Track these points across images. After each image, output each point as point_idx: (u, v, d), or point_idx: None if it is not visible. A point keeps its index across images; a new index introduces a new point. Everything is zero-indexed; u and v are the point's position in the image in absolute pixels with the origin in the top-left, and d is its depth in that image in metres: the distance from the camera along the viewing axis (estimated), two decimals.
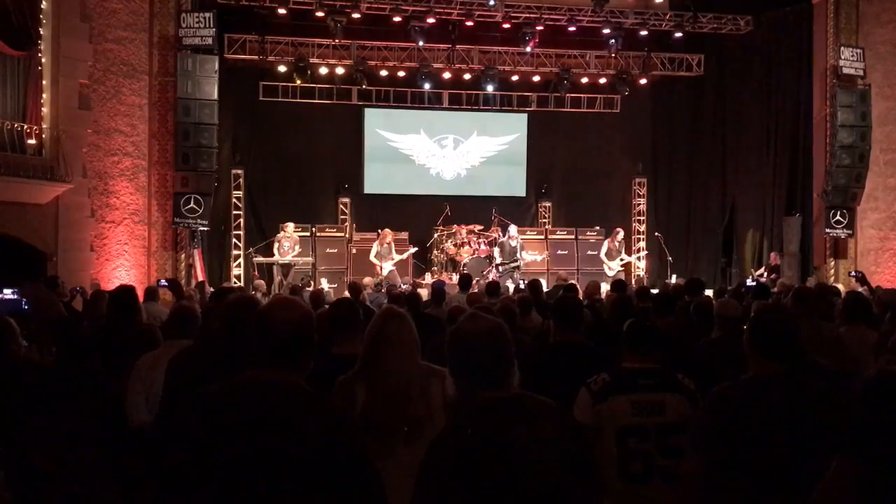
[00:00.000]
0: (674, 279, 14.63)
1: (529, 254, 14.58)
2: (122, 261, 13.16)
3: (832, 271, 14.88)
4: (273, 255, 14.16)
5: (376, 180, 17.05)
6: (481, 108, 17.32)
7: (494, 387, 2.25)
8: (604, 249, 14.91)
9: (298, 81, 15.54)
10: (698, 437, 2.83)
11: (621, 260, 14.70)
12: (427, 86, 15.98)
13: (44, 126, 11.52)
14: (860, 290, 9.68)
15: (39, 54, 11.50)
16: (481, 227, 15.51)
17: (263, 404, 2.13)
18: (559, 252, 16.20)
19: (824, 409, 2.68)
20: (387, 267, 14.01)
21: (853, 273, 12.56)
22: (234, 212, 16.03)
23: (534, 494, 2.12)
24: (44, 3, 11.54)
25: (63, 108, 11.83)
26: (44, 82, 11.60)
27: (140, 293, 7.63)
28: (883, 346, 4.13)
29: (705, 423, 2.83)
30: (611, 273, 14.42)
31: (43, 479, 2.88)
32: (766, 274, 14.66)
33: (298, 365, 2.24)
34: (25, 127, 11.22)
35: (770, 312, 2.95)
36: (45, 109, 11.60)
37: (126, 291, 4.98)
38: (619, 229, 15.16)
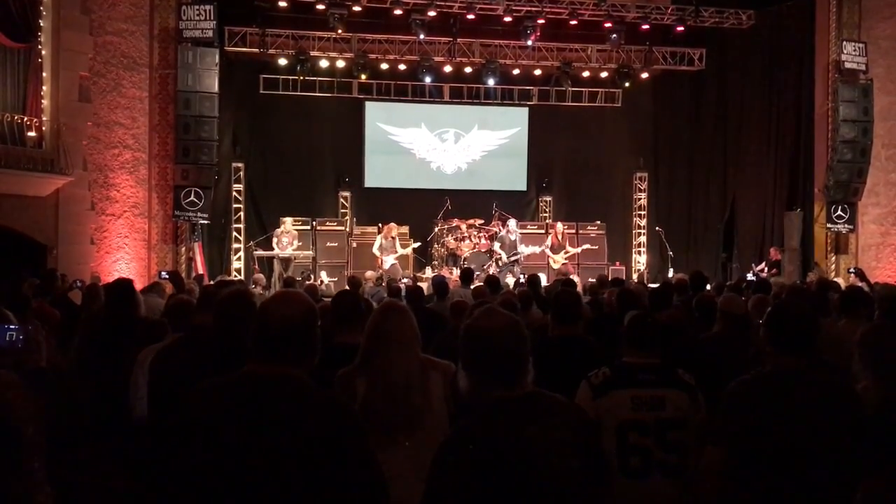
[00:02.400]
0: (671, 273, 14.62)
1: (528, 247, 14.56)
2: (123, 254, 13.16)
3: (833, 266, 14.87)
4: (273, 249, 14.15)
5: (377, 174, 17.03)
6: (482, 101, 17.29)
7: (509, 385, 2.20)
8: (547, 243, 14.94)
9: (300, 76, 15.49)
10: (719, 430, 2.84)
11: (565, 253, 14.72)
12: (428, 79, 15.95)
13: (44, 118, 11.52)
14: (859, 284, 9.65)
15: (39, 46, 11.49)
16: (482, 222, 15.49)
17: (265, 398, 2.13)
18: None
19: (843, 403, 2.71)
20: (388, 261, 14.00)
21: (851, 269, 12.55)
22: (235, 205, 16.03)
23: (547, 493, 2.09)
24: None
25: (63, 101, 11.82)
26: (44, 74, 11.59)
27: (139, 286, 7.64)
28: (865, 340, 4.12)
29: (726, 416, 2.83)
30: (556, 266, 14.47)
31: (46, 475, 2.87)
32: (766, 269, 14.65)
33: (301, 359, 2.23)
34: (25, 119, 11.22)
35: (788, 307, 2.95)
36: (45, 102, 11.60)
37: (123, 284, 4.97)
38: (558, 224, 15.22)
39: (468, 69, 16.43)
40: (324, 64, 15.80)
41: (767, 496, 2.68)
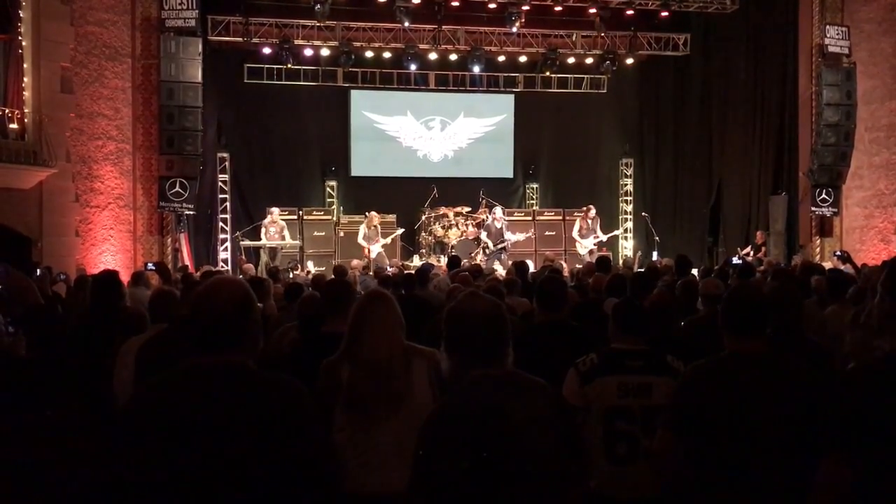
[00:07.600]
0: (655, 257, 14.66)
1: (515, 234, 14.54)
2: (108, 245, 13.09)
3: (818, 249, 14.98)
4: (260, 239, 14.11)
5: (363, 162, 16.99)
6: (468, 89, 17.26)
7: (489, 365, 2.28)
8: (576, 228, 14.86)
9: (287, 63, 15.40)
10: (671, 414, 2.83)
11: (595, 238, 14.64)
12: (413, 67, 15.89)
13: (26, 110, 11.41)
14: (843, 268, 9.74)
15: (20, 37, 11.36)
16: (469, 209, 15.49)
17: (208, 387, 2.11)
18: (546, 233, 16.23)
19: (800, 385, 2.69)
20: (375, 249, 14.01)
21: (837, 252, 12.64)
22: (221, 195, 15.93)
23: (522, 468, 2.16)
24: None
25: (45, 92, 11.70)
26: (25, 66, 11.46)
27: (125, 278, 7.60)
28: (857, 320, 4.16)
29: (678, 400, 2.83)
30: (583, 252, 14.41)
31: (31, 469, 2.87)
32: (751, 253, 14.74)
33: (241, 345, 2.18)
34: (7, 111, 11.11)
35: (741, 290, 2.94)
36: (26, 93, 11.48)
37: (108, 276, 4.95)
38: (590, 207, 15.10)
39: (453, 56, 16.38)
40: (308, 52, 15.71)
41: (719, 479, 2.66)
